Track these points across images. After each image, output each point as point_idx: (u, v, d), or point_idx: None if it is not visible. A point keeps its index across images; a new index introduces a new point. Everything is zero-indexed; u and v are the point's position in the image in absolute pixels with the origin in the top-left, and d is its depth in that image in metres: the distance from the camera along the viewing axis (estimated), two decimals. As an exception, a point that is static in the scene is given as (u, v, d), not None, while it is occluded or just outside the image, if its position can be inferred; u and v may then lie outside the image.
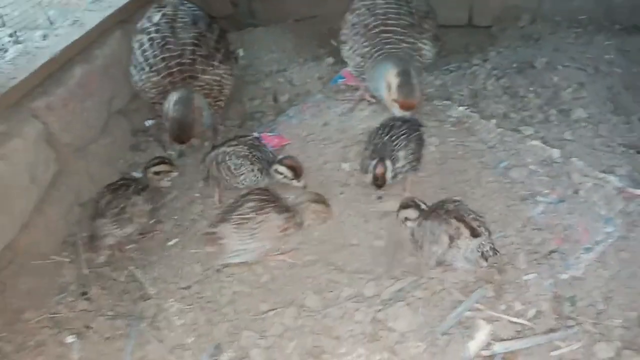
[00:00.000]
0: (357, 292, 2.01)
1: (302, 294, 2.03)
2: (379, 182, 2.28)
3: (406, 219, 2.13)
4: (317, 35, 4.61)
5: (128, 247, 2.42)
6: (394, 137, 2.40)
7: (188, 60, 2.83)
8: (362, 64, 2.92)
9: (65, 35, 2.78)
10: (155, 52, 2.81)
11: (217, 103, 3.01)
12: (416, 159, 2.43)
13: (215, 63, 2.94)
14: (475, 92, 3.28)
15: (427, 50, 2.98)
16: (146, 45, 2.84)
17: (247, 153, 2.52)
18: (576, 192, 2.30)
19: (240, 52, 4.17)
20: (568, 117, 2.90)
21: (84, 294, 2.27)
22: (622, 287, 1.95)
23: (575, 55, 3.54)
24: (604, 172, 2.43)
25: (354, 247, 2.19)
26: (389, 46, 2.83)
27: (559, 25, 4.05)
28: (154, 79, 2.80)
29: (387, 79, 2.64)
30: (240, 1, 4.83)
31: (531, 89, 3.16)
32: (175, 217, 2.54)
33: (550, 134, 2.74)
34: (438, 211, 2.01)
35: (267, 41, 4.34)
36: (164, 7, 3.09)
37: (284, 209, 2.14)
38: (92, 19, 2.96)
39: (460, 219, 1.94)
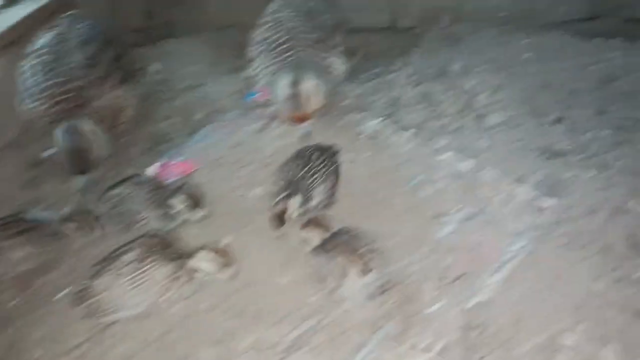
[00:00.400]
0: (257, 340, 1.85)
1: (196, 349, 1.85)
2: (276, 223, 2.12)
3: (307, 243, 2.01)
4: (237, 46, 4.42)
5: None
6: (311, 172, 2.19)
7: (79, 85, 2.60)
8: (270, 81, 2.75)
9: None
10: (39, 80, 2.56)
11: (117, 128, 2.80)
12: (332, 194, 2.26)
13: (112, 84, 2.72)
14: (394, 100, 3.19)
15: (338, 65, 2.85)
16: (28, 73, 2.59)
17: (148, 196, 2.31)
18: (486, 206, 2.22)
19: (155, 67, 3.94)
20: (484, 123, 2.84)
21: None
22: (531, 309, 1.87)
23: (493, 55, 3.51)
24: (517, 181, 2.37)
25: (257, 287, 2.03)
26: (298, 61, 2.68)
27: (479, 25, 4.02)
28: (40, 108, 2.55)
29: (279, 92, 2.50)
30: (155, 12, 4.59)
31: (448, 95, 3.09)
32: (67, 264, 2.30)
33: (465, 143, 2.67)
34: (328, 246, 1.89)
35: (184, 54, 4.12)
36: (55, 26, 2.84)
37: (173, 256, 1.96)
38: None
39: (351, 254, 1.82)
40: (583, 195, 2.29)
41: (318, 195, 2.16)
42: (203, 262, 1.97)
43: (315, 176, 2.18)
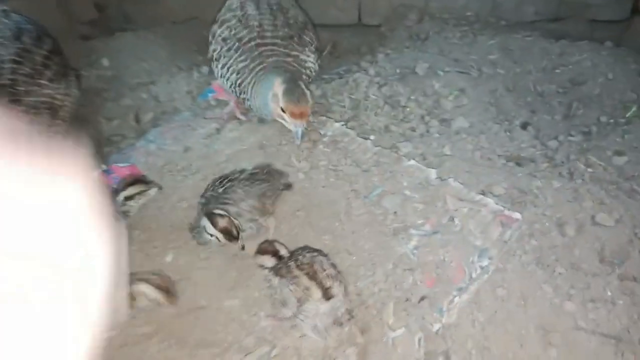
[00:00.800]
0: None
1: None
2: (227, 237, 1.90)
3: (262, 266, 1.83)
4: (196, 40, 4.19)
5: None
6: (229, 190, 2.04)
7: (6, 82, 2.34)
8: (240, 81, 2.53)
9: None
10: None
11: (54, 127, 2.54)
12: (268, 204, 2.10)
13: (43, 82, 2.46)
14: (357, 102, 3.03)
15: (312, 62, 2.67)
16: None
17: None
18: (451, 219, 2.08)
19: (104, 62, 3.67)
20: (449, 128, 2.71)
21: None
22: (498, 331, 1.75)
23: (459, 56, 3.39)
24: (482, 192, 2.24)
25: (201, 311, 1.83)
26: (271, 59, 2.48)
27: (446, 24, 3.92)
28: None
29: (274, 90, 2.32)
30: (109, 3, 4.30)
31: (412, 97, 2.95)
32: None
33: (429, 150, 2.52)
34: (289, 265, 1.71)
35: (138, 48, 3.86)
36: None
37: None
38: None
39: (312, 277, 1.65)
40: (551, 207, 2.18)
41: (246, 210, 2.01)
42: (145, 289, 1.77)
43: (232, 194, 2.02)
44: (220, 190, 2.01)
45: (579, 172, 2.37)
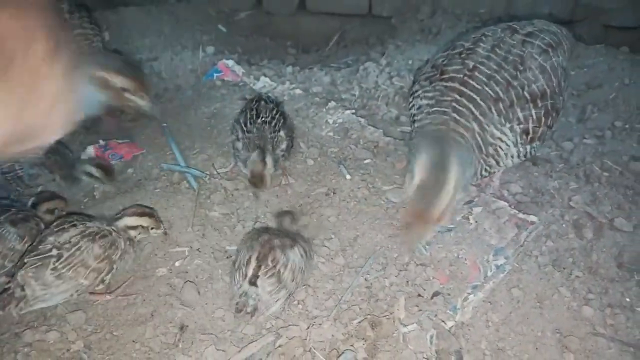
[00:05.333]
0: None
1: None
2: (256, 181, 1.96)
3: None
4: (202, 19, 4.07)
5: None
6: (268, 120, 2.10)
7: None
8: None
9: None
10: None
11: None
12: (292, 140, 2.22)
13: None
14: (367, 92, 2.93)
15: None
16: None
17: (43, 160, 2.10)
18: (466, 217, 1.99)
19: (106, 36, 3.53)
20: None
21: None
22: (513, 333, 1.67)
23: (473, 52, 3.31)
24: (499, 189, 2.17)
25: (206, 294, 1.73)
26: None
27: (458, 19, 3.84)
28: None
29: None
30: (112, -25, 4.16)
31: (425, 90, 2.85)
32: None
33: (442, 144, 2.44)
34: (258, 240, 1.69)
35: (140, 24, 3.73)
36: None
37: (99, 234, 1.69)
38: None
39: (260, 260, 1.62)
40: (568, 208, 2.10)
41: (284, 138, 2.12)
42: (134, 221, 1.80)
43: (273, 122, 2.10)
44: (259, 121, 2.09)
45: (595, 175, 2.30)
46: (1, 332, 1.66)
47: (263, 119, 2.08)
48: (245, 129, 2.06)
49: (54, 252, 1.64)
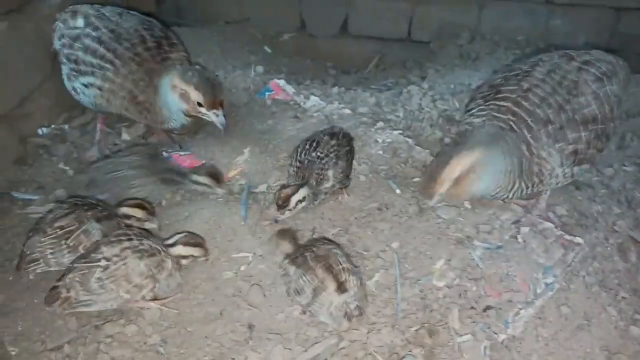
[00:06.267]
0: (264, 358, 1.68)
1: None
2: (279, 203, 2.02)
3: (277, 247, 1.93)
4: (249, 41, 4.27)
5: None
6: (322, 155, 2.14)
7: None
8: None
9: None
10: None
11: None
12: (346, 177, 2.21)
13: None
14: (411, 113, 3.06)
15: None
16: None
17: (145, 163, 2.25)
18: (514, 237, 2.09)
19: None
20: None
21: None
22: (562, 348, 1.75)
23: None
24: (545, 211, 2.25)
25: (271, 297, 1.86)
26: None
27: (497, 45, 3.96)
28: None
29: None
30: (166, -3, 4.42)
31: (468, 113, 2.97)
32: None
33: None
34: (306, 256, 1.75)
35: (192, 44, 3.90)
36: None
37: (149, 252, 1.79)
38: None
39: (328, 270, 1.69)
40: (611, 232, 2.18)
41: (331, 178, 2.12)
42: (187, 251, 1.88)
43: (325, 159, 2.12)
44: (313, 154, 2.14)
45: (637, 201, 2.38)
46: (82, 324, 1.80)
47: (318, 153, 2.13)
48: (298, 158, 2.15)
49: (102, 262, 1.73)
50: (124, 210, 2.00)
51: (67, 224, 1.89)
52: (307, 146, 2.17)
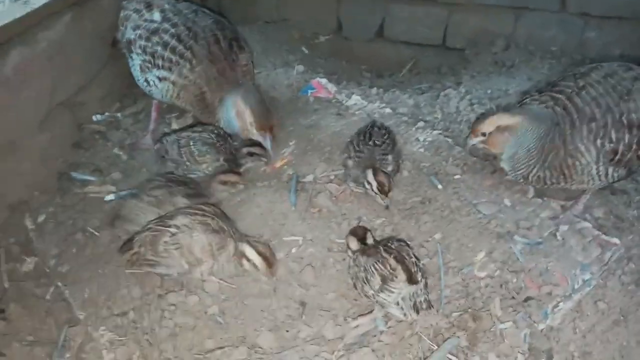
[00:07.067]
0: (317, 332, 1.79)
1: (254, 331, 1.79)
2: (384, 188, 2.16)
3: (348, 246, 1.98)
4: (288, 41, 4.40)
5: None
6: (378, 143, 2.33)
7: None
8: None
9: (5, 13, 2.44)
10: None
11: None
12: (398, 163, 2.41)
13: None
14: (449, 115, 3.16)
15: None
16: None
17: (214, 141, 2.40)
18: (553, 234, 2.17)
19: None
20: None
21: (1, 312, 1.96)
22: (599, 340, 1.83)
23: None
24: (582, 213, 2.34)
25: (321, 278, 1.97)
26: None
27: (532, 55, 4.02)
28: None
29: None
30: (206, -2, 4.58)
31: (506, 117, 3.05)
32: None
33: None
34: (377, 248, 1.83)
35: (235, 41, 4.09)
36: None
37: (216, 230, 1.91)
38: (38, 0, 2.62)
39: (400, 261, 1.76)
40: (646, 236, 2.25)
41: (391, 161, 2.31)
42: (251, 254, 1.93)
43: (383, 145, 2.32)
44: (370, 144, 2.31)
45: (672, 210, 2.44)
46: (146, 292, 1.93)
47: (374, 141, 2.31)
48: (357, 148, 2.30)
49: (173, 229, 1.87)
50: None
51: (160, 194, 2.06)
52: (362, 137, 2.32)
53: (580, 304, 1.92)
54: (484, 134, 2.13)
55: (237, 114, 2.50)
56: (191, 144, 2.37)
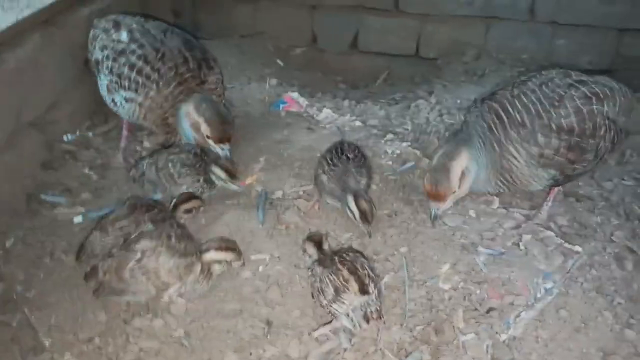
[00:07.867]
0: (281, 352, 1.80)
1: (220, 353, 1.79)
2: (367, 216, 2.15)
3: (304, 252, 2.03)
4: (263, 54, 4.43)
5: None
6: (352, 156, 2.36)
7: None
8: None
9: (-31, 35, 2.44)
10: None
11: None
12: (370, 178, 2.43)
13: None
14: (419, 126, 3.20)
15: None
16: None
17: (193, 162, 2.39)
18: (516, 244, 2.21)
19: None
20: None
21: (-35, 340, 1.94)
22: (561, 349, 1.86)
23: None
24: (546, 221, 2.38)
25: (287, 295, 1.98)
26: None
27: (502, 63, 4.10)
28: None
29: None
30: (184, 11, 4.59)
31: (474, 127, 3.10)
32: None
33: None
34: (333, 259, 1.87)
35: (209, 56, 4.10)
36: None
37: (181, 253, 1.91)
38: (6, 19, 2.62)
39: (353, 272, 1.80)
40: (609, 242, 2.30)
41: (365, 174, 2.34)
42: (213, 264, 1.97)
43: (357, 159, 2.35)
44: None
45: (635, 214, 2.49)
46: (112, 316, 1.93)
47: (347, 154, 2.33)
48: (331, 162, 2.31)
49: (138, 254, 1.87)
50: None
51: (126, 226, 2.02)
52: (334, 152, 2.35)
53: (542, 313, 1.95)
54: (454, 191, 2.14)
55: (191, 125, 2.48)
56: (169, 165, 2.37)
